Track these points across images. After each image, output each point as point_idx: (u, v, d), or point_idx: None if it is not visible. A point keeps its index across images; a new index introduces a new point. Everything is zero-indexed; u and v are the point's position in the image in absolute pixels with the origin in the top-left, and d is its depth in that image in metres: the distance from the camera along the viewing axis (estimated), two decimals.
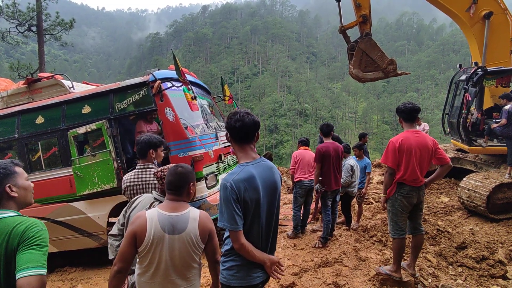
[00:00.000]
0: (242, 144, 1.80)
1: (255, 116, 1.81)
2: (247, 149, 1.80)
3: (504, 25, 7.46)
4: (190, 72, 6.22)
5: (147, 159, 2.84)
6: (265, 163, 1.82)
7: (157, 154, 2.91)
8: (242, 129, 1.75)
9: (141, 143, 2.82)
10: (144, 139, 2.83)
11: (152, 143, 2.84)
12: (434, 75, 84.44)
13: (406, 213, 3.21)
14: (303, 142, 5.24)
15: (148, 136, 2.87)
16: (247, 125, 1.74)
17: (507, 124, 6.28)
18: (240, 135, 1.77)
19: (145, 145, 2.82)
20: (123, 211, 2.39)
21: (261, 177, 1.73)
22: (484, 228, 6.09)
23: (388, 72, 7.56)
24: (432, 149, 3.10)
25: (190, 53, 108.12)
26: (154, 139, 2.88)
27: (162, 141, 2.97)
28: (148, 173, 2.78)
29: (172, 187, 1.89)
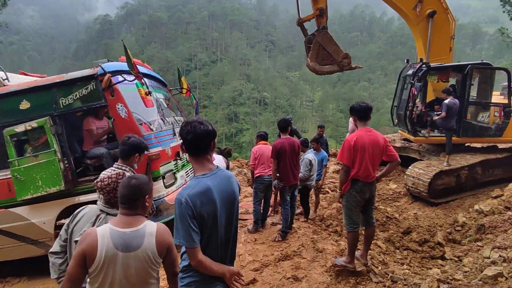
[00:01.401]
0: (197, 156, 1.73)
1: (209, 125, 1.74)
2: (202, 161, 1.74)
3: (445, 24, 8.07)
4: (144, 63, 5.88)
5: (129, 161, 2.66)
6: (222, 173, 1.77)
7: (139, 159, 2.76)
8: (194, 141, 1.68)
9: (128, 144, 2.64)
10: (132, 141, 2.66)
11: (139, 147, 2.69)
12: (384, 65, 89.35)
13: (359, 208, 3.40)
14: (262, 136, 5.25)
15: (138, 139, 2.71)
16: (199, 137, 1.67)
17: (446, 117, 6.88)
18: (193, 147, 1.70)
19: (132, 148, 2.64)
20: (65, 225, 2.19)
21: (218, 189, 1.69)
22: (426, 212, 6.70)
23: (343, 66, 7.79)
24: (383, 147, 3.29)
25: (144, 37, 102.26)
26: (142, 143, 2.74)
27: (147, 146, 2.86)
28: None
29: (126, 201, 1.77)
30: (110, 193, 2.08)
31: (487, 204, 5.65)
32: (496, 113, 7.34)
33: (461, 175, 7.14)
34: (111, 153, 4.51)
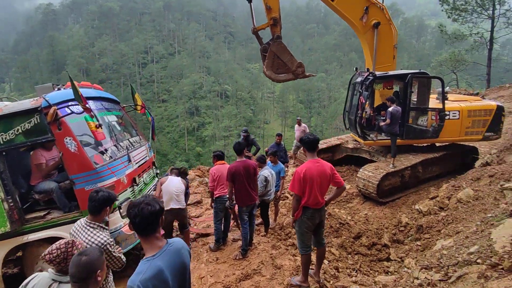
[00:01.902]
0: (146, 236, 1.80)
1: (156, 204, 1.79)
2: (151, 240, 1.80)
3: (388, 34, 8.65)
4: (94, 84, 5.66)
5: (100, 216, 2.66)
6: (172, 248, 1.84)
7: (110, 210, 2.77)
8: (143, 223, 1.75)
9: (97, 201, 2.62)
10: (101, 196, 2.63)
11: (109, 200, 2.69)
12: (340, 57, 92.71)
13: (310, 232, 3.68)
14: (219, 156, 5.32)
15: (106, 193, 2.69)
16: (147, 219, 1.74)
17: (390, 123, 7.48)
18: (142, 229, 1.77)
19: (102, 203, 2.64)
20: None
21: (170, 267, 1.77)
22: (376, 212, 7.28)
23: (297, 74, 8.12)
24: (330, 175, 3.56)
25: (94, 29, 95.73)
26: (111, 195, 2.73)
27: (116, 196, 2.85)
28: (102, 234, 2.60)
29: (77, 280, 1.80)
30: (61, 263, 2.08)
31: (425, 204, 6.31)
32: (433, 117, 8.10)
33: (405, 175, 7.84)
34: (62, 187, 4.36)
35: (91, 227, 2.62)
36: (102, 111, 5.13)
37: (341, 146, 10.02)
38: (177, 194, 4.84)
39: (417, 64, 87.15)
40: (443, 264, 2.90)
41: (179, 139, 70.81)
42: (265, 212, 5.75)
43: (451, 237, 4.28)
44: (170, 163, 61.98)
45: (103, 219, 2.72)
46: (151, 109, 73.82)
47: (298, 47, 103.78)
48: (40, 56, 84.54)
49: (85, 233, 2.59)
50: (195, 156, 65.86)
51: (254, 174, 4.78)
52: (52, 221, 4.17)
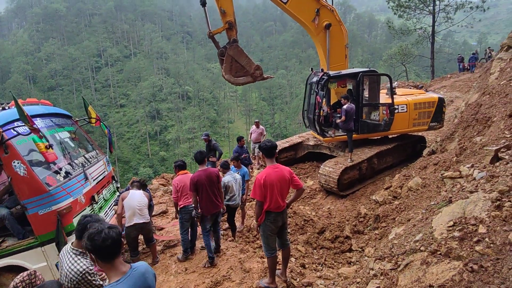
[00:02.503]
0: (111, 261, 1.80)
1: (115, 227, 1.83)
2: (116, 265, 1.81)
3: (339, 34, 9.07)
4: (41, 100, 5.37)
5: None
6: (136, 273, 1.86)
7: None
8: (111, 247, 1.75)
9: (82, 225, 2.52)
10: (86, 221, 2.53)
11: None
12: (298, 53, 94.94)
13: (275, 235, 3.83)
14: (180, 166, 5.28)
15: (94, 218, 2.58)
16: (116, 242, 1.75)
17: (346, 120, 7.88)
18: (109, 254, 1.77)
19: (84, 229, 2.46)
20: None
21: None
22: (337, 206, 7.66)
23: (256, 77, 8.26)
24: (288, 179, 3.73)
25: (39, 33, 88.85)
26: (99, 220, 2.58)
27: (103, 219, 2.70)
28: (83, 262, 2.52)
29: None
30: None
31: (381, 195, 6.77)
32: (384, 111, 8.68)
33: (362, 168, 8.33)
34: (14, 212, 4.12)
35: (74, 253, 2.56)
36: (53, 128, 4.89)
37: (302, 143, 10.36)
38: (140, 208, 4.75)
39: (370, 57, 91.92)
40: (394, 253, 3.18)
41: (141, 144, 68.39)
42: (231, 217, 5.83)
43: (403, 225, 4.66)
44: (133, 170, 59.72)
45: None
46: (109, 115, 70.58)
47: (258, 45, 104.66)
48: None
49: (68, 259, 2.54)
50: (159, 161, 64.01)
51: (217, 182, 4.83)
52: (7, 249, 3.95)
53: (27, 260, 3.96)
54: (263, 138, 10.12)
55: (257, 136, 10.43)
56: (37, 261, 3.97)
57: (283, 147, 10.11)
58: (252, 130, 10.65)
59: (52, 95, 73.46)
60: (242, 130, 75.22)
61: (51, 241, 3.97)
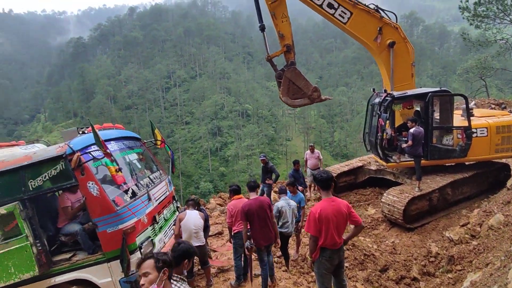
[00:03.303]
0: None
1: None
2: None
3: (405, 52, 8.50)
4: (115, 124, 5.94)
5: (179, 268, 2.67)
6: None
7: (189, 265, 2.78)
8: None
9: (177, 251, 2.68)
10: (182, 248, 2.71)
11: (189, 253, 2.74)
12: (360, 69, 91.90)
13: (330, 274, 3.56)
14: (235, 191, 5.28)
15: (187, 246, 2.75)
16: None
17: (413, 145, 7.22)
18: None
19: (181, 255, 2.68)
20: None
21: None
22: (403, 240, 6.94)
23: (314, 99, 8.13)
24: (346, 214, 3.46)
25: (120, 58, 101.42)
26: (191, 249, 2.78)
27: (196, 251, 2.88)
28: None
29: None
30: None
31: (456, 232, 5.95)
32: (458, 135, 7.75)
33: (433, 198, 7.47)
34: (86, 228, 4.52)
35: (174, 279, 2.58)
36: (124, 150, 5.34)
37: (363, 168, 9.75)
38: (196, 232, 4.86)
39: (442, 71, 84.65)
40: None
41: (203, 159, 71.87)
42: (284, 245, 5.62)
43: (480, 270, 3.99)
44: (194, 183, 62.83)
45: (182, 272, 2.71)
46: (175, 132, 76.11)
47: (317, 62, 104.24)
48: (71, 86, 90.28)
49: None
50: (219, 176, 66.38)
51: (269, 211, 4.70)
52: (77, 263, 4.31)
53: (94, 274, 4.28)
54: (321, 164, 9.55)
55: (314, 162, 9.54)
56: (103, 276, 4.27)
57: (342, 171, 9.62)
58: (307, 156, 9.75)
59: (128, 113, 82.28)
60: (300, 148, 74.41)
61: (116, 258, 4.25)
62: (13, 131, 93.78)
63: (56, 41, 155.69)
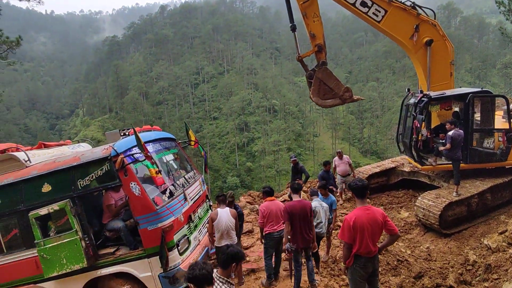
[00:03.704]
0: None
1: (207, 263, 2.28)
2: None
3: (443, 51, 8.12)
4: (154, 126, 6.24)
5: (227, 271, 2.74)
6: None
7: (236, 268, 2.82)
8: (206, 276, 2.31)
9: (226, 254, 2.73)
10: (230, 251, 2.74)
11: (237, 257, 2.75)
12: (391, 64, 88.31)
13: (364, 281, 3.56)
14: (268, 193, 5.37)
15: (235, 249, 2.77)
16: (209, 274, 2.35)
17: (452, 148, 6.92)
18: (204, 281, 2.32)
19: (230, 258, 2.72)
20: None
21: None
22: (439, 246, 6.72)
23: (345, 99, 8.01)
24: (381, 222, 3.44)
25: (151, 55, 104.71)
26: (240, 252, 2.78)
27: (243, 255, 2.86)
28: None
29: None
30: None
31: (494, 240, 5.67)
32: (500, 138, 7.33)
33: (472, 204, 7.14)
34: (128, 225, 4.83)
35: (220, 281, 2.67)
36: (161, 151, 5.60)
37: (396, 169, 9.49)
38: (227, 231, 5.01)
39: (481, 65, 79.42)
40: None
41: (230, 154, 72.82)
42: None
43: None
44: (222, 178, 63.94)
45: (229, 275, 2.77)
46: (203, 127, 77.63)
47: (346, 57, 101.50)
48: (107, 83, 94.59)
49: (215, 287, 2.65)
50: (245, 171, 67.05)
51: (310, 215, 4.75)
52: (120, 257, 4.63)
53: (135, 268, 4.57)
54: (352, 169, 9.01)
55: (344, 168, 8.84)
56: (143, 270, 4.55)
57: (373, 172, 9.43)
58: (336, 162, 9.08)
59: (159, 109, 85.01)
60: (328, 144, 73.25)
61: (156, 254, 4.50)
62: (55, 125, 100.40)
63: (92, 40, 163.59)
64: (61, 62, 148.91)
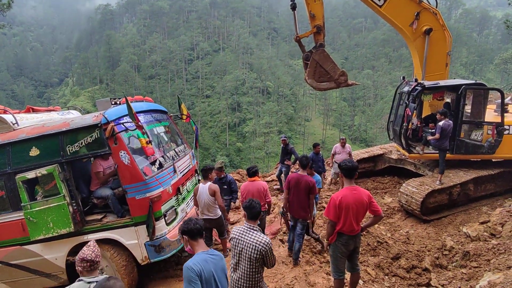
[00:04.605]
0: (198, 240, 2.61)
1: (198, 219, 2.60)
2: (201, 242, 2.61)
3: (441, 41, 8.11)
4: (145, 97, 6.13)
5: (256, 221, 3.14)
6: (216, 252, 2.64)
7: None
8: (199, 229, 2.63)
9: (255, 207, 3.11)
10: (259, 206, 3.13)
11: (260, 212, 3.15)
12: (388, 53, 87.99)
13: (344, 258, 3.70)
14: (249, 173, 5.38)
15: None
16: (201, 226, 2.65)
17: (440, 138, 7.06)
18: (196, 233, 2.61)
19: (258, 213, 3.12)
20: None
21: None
22: (418, 231, 6.98)
23: (340, 83, 7.98)
24: (366, 203, 3.54)
25: (145, 27, 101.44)
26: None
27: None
28: (264, 236, 3.04)
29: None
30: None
31: (474, 228, 5.91)
32: (489, 131, 7.49)
33: (453, 193, 7.37)
34: (116, 194, 4.84)
35: (254, 230, 3.06)
36: (152, 123, 5.55)
37: (384, 156, 9.67)
38: (207, 207, 5.05)
39: (478, 60, 79.83)
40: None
41: (221, 134, 72.67)
42: None
43: (501, 272, 4.02)
44: (211, 156, 64.03)
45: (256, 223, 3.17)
46: (195, 104, 76.76)
47: (344, 42, 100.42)
48: (98, 53, 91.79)
49: (250, 234, 3.03)
50: (235, 151, 67.25)
51: (307, 191, 4.79)
52: (107, 224, 4.67)
53: (122, 235, 4.63)
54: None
55: (344, 157, 8.47)
56: (130, 238, 4.61)
57: (361, 157, 9.59)
58: (336, 150, 8.69)
59: (151, 83, 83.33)
60: (319, 129, 73.68)
61: (143, 223, 4.56)
62: (43, 93, 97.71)
63: (84, 7, 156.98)
64: (51, 28, 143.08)
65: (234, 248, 3.12)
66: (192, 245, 2.60)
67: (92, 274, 2.49)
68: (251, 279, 3.01)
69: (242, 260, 3.01)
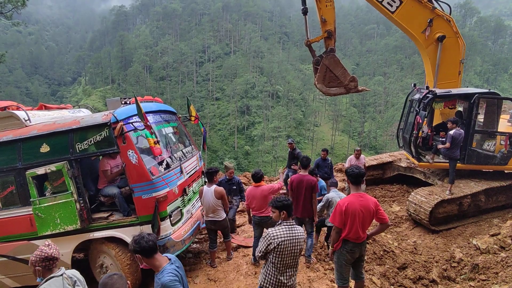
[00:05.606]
0: (154, 256, 2.52)
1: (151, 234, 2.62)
2: (158, 257, 2.51)
3: (455, 48, 8.00)
4: (155, 97, 6.19)
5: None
6: (176, 260, 2.64)
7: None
8: (153, 246, 2.51)
9: (289, 204, 3.20)
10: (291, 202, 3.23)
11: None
12: (401, 59, 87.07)
13: (349, 265, 3.64)
14: (254, 177, 5.31)
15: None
16: (155, 243, 2.56)
17: (451, 147, 6.93)
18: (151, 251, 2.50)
19: (292, 206, 3.24)
20: None
21: None
22: (426, 241, 6.84)
23: (349, 89, 7.92)
24: (373, 211, 3.48)
25: (158, 29, 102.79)
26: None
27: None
28: (297, 230, 3.15)
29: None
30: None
31: (484, 241, 5.77)
32: (502, 141, 7.33)
33: (464, 203, 7.23)
34: (123, 192, 4.88)
35: (289, 226, 3.15)
36: (161, 123, 5.59)
37: (393, 163, 9.54)
38: (212, 210, 5.08)
39: (492, 69, 78.49)
40: None
41: (229, 136, 72.84)
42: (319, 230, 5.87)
43: (507, 284, 3.91)
44: (219, 159, 64.21)
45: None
46: (205, 106, 77.23)
47: (356, 48, 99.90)
48: (111, 53, 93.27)
49: (287, 231, 3.11)
50: (243, 155, 67.29)
51: (312, 191, 4.93)
52: (113, 223, 4.70)
53: (127, 234, 4.64)
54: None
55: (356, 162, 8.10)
56: None
57: (370, 165, 9.48)
58: (352, 162, 8.23)
59: (162, 84, 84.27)
60: (328, 135, 73.23)
61: (148, 223, 4.58)
62: (57, 91, 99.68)
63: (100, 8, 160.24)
64: (66, 28, 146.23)
65: (286, 251, 3.04)
66: (151, 263, 2.43)
67: (52, 272, 2.48)
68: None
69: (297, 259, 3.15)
